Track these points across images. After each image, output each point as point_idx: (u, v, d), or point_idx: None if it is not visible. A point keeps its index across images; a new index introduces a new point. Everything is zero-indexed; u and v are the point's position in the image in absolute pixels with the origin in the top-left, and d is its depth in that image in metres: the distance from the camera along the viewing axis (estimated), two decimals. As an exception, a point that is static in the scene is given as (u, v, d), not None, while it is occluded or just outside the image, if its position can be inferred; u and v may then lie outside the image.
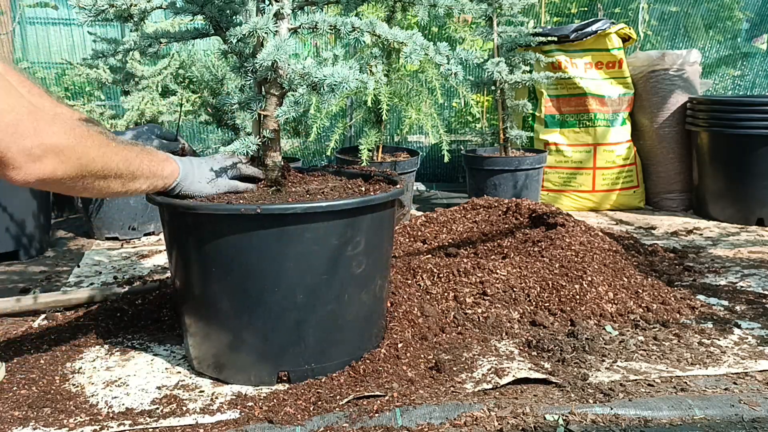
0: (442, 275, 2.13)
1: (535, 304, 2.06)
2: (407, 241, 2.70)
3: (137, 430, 1.43)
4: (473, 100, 4.31)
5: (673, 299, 2.13)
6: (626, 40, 3.84)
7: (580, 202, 3.79)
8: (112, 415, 1.49)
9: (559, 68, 3.71)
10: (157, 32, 1.67)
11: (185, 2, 1.60)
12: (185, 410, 1.51)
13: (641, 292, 2.14)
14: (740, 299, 2.21)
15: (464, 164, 3.63)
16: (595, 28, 3.67)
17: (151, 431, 1.43)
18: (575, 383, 1.61)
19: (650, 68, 3.74)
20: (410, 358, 1.72)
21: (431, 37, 4.42)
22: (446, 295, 2.05)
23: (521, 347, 1.84)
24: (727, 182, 3.43)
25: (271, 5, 1.54)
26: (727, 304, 2.17)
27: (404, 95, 3.10)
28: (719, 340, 1.87)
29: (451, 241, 2.66)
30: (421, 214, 2.93)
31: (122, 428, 1.43)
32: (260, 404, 1.51)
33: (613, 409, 1.46)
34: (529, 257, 2.28)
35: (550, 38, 3.61)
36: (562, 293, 2.08)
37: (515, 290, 2.08)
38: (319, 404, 1.49)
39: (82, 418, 1.48)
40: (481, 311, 2.00)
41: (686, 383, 1.62)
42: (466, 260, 2.23)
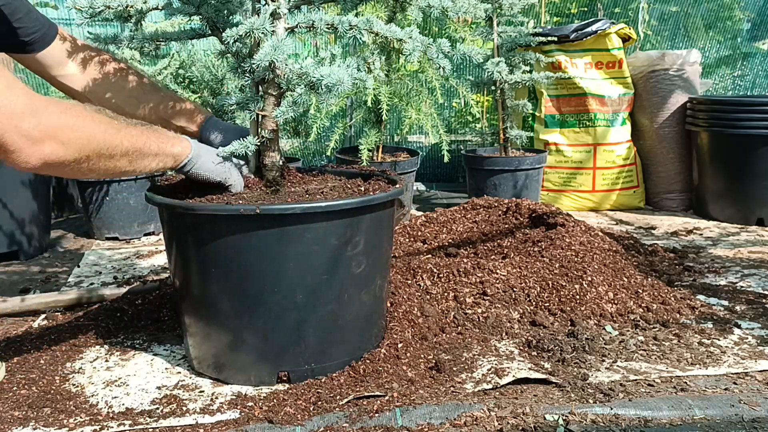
0: (442, 275, 2.13)
1: (535, 304, 2.06)
2: (407, 241, 2.70)
3: (137, 430, 1.43)
4: (473, 100, 4.31)
5: (673, 299, 2.13)
6: (626, 40, 3.84)
7: (580, 202, 3.79)
8: (112, 415, 1.49)
9: (559, 68, 3.71)
10: (154, 33, 1.66)
11: (181, 3, 1.60)
12: (185, 410, 1.51)
13: (641, 292, 2.14)
14: (740, 299, 2.21)
15: (464, 164, 3.63)
16: (595, 28, 3.67)
17: (151, 431, 1.43)
18: (575, 383, 1.61)
19: (650, 68, 3.74)
20: (410, 358, 1.72)
21: (432, 36, 4.41)
22: (446, 295, 2.05)
23: (521, 347, 1.84)
24: (727, 182, 3.43)
25: (267, 5, 1.54)
26: (727, 304, 2.17)
27: (404, 95, 3.10)
28: (719, 340, 1.87)
29: (451, 241, 2.66)
30: (421, 214, 2.93)
31: (122, 428, 1.43)
32: (260, 404, 1.51)
33: (613, 409, 1.46)
34: (529, 257, 2.28)
35: (550, 38, 3.61)
36: (562, 293, 2.08)
37: (515, 290, 2.08)
38: (319, 404, 1.49)
39: (82, 418, 1.48)
40: (481, 311, 2.00)
41: (686, 383, 1.61)
42: (466, 260, 2.23)
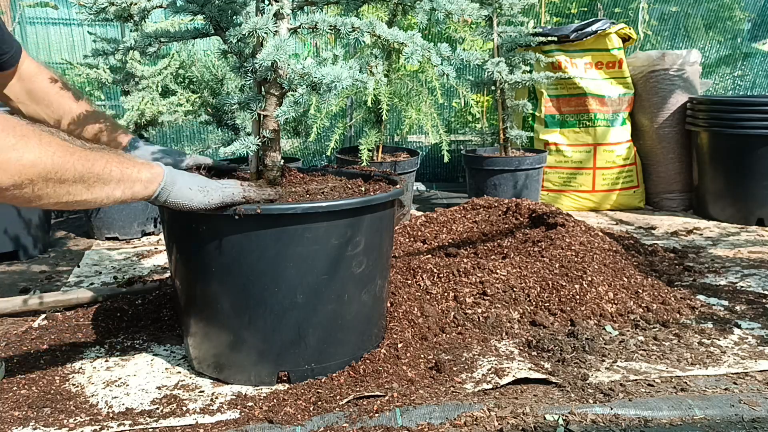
0: (442, 275, 2.13)
1: (535, 304, 2.06)
2: (407, 241, 2.70)
3: (137, 430, 1.43)
4: (473, 100, 4.31)
5: (673, 299, 2.13)
6: (626, 40, 3.84)
7: (580, 202, 3.79)
8: (112, 415, 1.49)
9: (559, 68, 3.71)
10: (156, 32, 1.67)
11: (185, 2, 1.60)
12: (185, 410, 1.51)
13: (641, 292, 2.14)
14: (740, 299, 2.21)
15: (464, 164, 3.63)
16: (595, 28, 3.68)
17: (151, 431, 1.43)
18: (575, 383, 1.61)
19: (650, 68, 3.74)
20: (410, 358, 1.72)
21: (431, 37, 4.41)
22: (446, 295, 2.05)
23: (521, 347, 1.84)
24: (727, 182, 3.43)
25: (270, 5, 1.54)
26: (727, 304, 2.17)
27: (404, 95, 3.10)
28: (719, 340, 1.87)
29: (451, 241, 2.66)
30: (421, 214, 2.93)
31: (122, 428, 1.43)
32: (260, 404, 1.51)
33: (613, 409, 1.46)
34: (529, 257, 2.28)
35: (550, 38, 3.61)
36: (562, 293, 2.08)
37: (515, 290, 2.08)
38: (319, 404, 1.49)
39: (82, 418, 1.48)
40: (481, 311, 2.00)
41: (686, 383, 1.62)
42: (466, 260, 2.23)
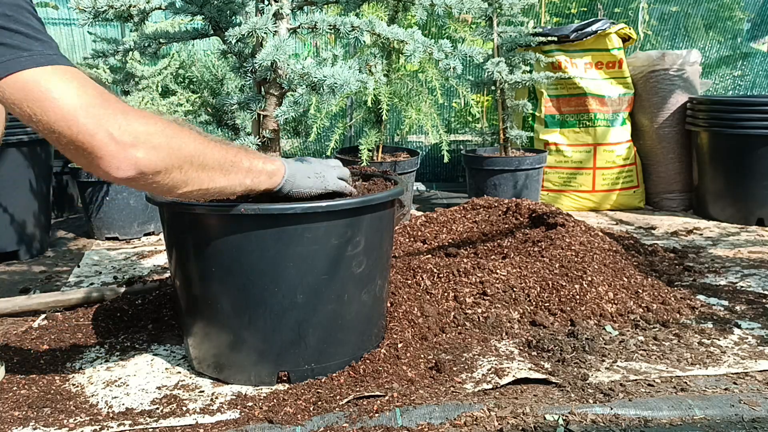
0: (442, 275, 2.13)
1: (535, 304, 2.06)
2: (407, 241, 2.70)
3: (137, 430, 1.43)
4: (473, 100, 4.31)
5: (673, 299, 2.13)
6: (626, 40, 3.84)
7: (580, 202, 3.79)
8: (112, 415, 1.49)
9: (559, 68, 3.71)
10: (156, 32, 1.67)
11: (184, 2, 1.60)
12: (185, 410, 1.51)
13: (641, 292, 2.14)
14: (740, 299, 2.21)
15: (464, 164, 3.63)
16: (595, 28, 3.68)
17: (151, 431, 1.43)
18: (575, 383, 1.61)
19: (650, 68, 3.74)
20: (410, 358, 1.72)
21: (431, 37, 4.42)
22: (446, 295, 2.05)
23: (521, 347, 1.84)
24: (727, 182, 3.43)
25: (270, 5, 1.54)
26: (727, 304, 2.17)
27: (404, 95, 3.10)
28: (719, 340, 1.87)
29: (451, 241, 2.66)
30: (421, 214, 2.93)
31: (122, 428, 1.43)
32: (260, 404, 1.51)
33: (613, 409, 1.46)
34: (529, 257, 2.28)
35: (550, 38, 3.61)
36: (562, 293, 2.08)
37: (515, 290, 2.08)
38: (319, 404, 1.49)
39: (82, 418, 1.48)
40: (481, 311, 2.00)
41: (686, 383, 1.62)
42: (466, 260, 2.23)
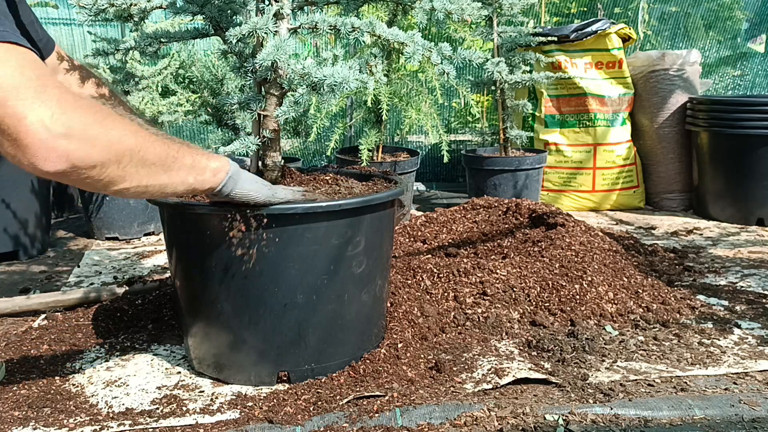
0: (442, 275, 2.13)
1: (535, 304, 2.06)
2: (407, 241, 2.70)
3: (137, 430, 1.43)
4: (473, 100, 4.31)
5: (673, 299, 2.13)
6: (626, 40, 3.84)
7: (580, 202, 3.79)
8: (112, 415, 1.49)
9: (559, 68, 3.71)
10: (156, 32, 1.67)
11: (185, 2, 1.60)
12: (185, 410, 1.51)
13: (641, 292, 2.14)
14: (740, 299, 2.21)
15: (464, 164, 3.63)
16: (595, 28, 3.68)
17: (151, 431, 1.43)
18: (575, 383, 1.61)
19: (650, 68, 3.74)
20: (410, 358, 1.72)
21: (431, 37, 4.41)
22: (446, 295, 2.05)
23: (521, 347, 1.84)
24: (727, 182, 3.43)
25: (270, 5, 1.54)
26: (727, 304, 2.17)
27: (404, 95, 3.10)
28: (719, 340, 1.87)
29: (451, 241, 2.66)
30: (421, 214, 2.93)
31: (122, 428, 1.43)
32: (260, 404, 1.51)
33: (613, 409, 1.46)
34: (529, 257, 2.28)
35: (550, 38, 3.61)
36: (562, 293, 2.08)
37: (515, 290, 2.08)
38: (319, 404, 1.49)
39: (82, 418, 1.48)
40: (481, 311, 2.00)
41: (686, 383, 1.62)
42: (466, 260, 2.23)
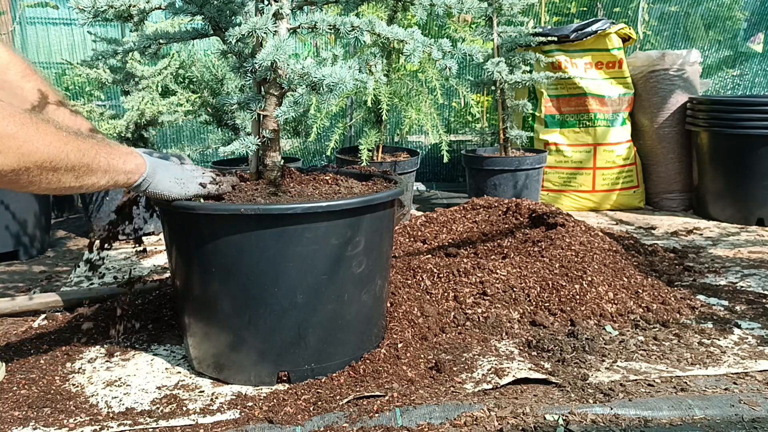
0: (442, 275, 2.13)
1: (535, 304, 2.06)
2: (407, 241, 2.70)
3: (137, 430, 1.43)
4: (473, 100, 4.31)
5: (673, 299, 2.13)
6: (626, 40, 3.84)
7: (580, 202, 3.79)
8: (112, 415, 1.49)
9: (559, 68, 3.71)
10: (156, 33, 1.67)
11: (184, 2, 1.60)
12: (185, 410, 1.51)
13: (641, 292, 2.14)
14: (740, 299, 2.21)
15: (464, 164, 3.63)
16: (595, 28, 3.68)
17: (151, 431, 1.43)
18: (575, 383, 1.61)
19: (650, 68, 3.74)
20: (410, 358, 1.72)
21: (431, 37, 4.41)
22: (446, 295, 2.05)
23: (521, 347, 1.84)
24: (727, 182, 3.43)
25: (270, 5, 1.54)
26: (727, 304, 2.17)
27: (404, 95, 3.10)
28: (719, 340, 1.87)
29: (451, 241, 2.66)
30: (421, 214, 2.93)
31: (122, 428, 1.43)
32: (260, 404, 1.51)
33: (613, 409, 1.46)
34: (529, 257, 2.28)
35: (550, 38, 3.62)
36: (562, 293, 2.08)
37: (515, 290, 2.08)
38: (319, 404, 1.49)
39: (82, 418, 1.48)
40: (481, 311, 2.00)
41: (686, 383, 1.62)
42: (466, 260, 2.23)
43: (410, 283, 2.08)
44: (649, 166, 3.84)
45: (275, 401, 1.51)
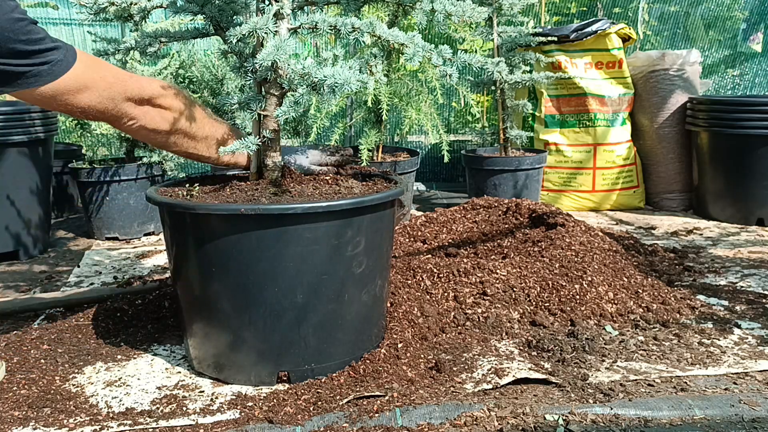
0: (442, 275, 2.13)
1: (535, 304, 2.06)
2: (407, 241, 2.70)
3: (137, 430, 1.43)
4: (473, 100, 4.31)
5: (673, 299, 2.13)
6: (626, 40, 3.84)
7: (580, 202, 3.79)
8: (112, 415, 1.49)
9: (559, 68, 3.71)
10: (156, 32, 1.67)
11: (185, 2, 1.60)
12: (185, 410, 1.51)
13: (641, 292, 2.14)
14: (740, 299, 2.21)
15: (464, 164, 3.63)
16: (595, 28, 3.68)
17: (151, 431, 1.43)
18: (575, 383, 1.61)
19: (650, 68, 3.74)
20: (410, 358, 1.72)
21: (431, 37, 4.41)
22: (446, 295, 2.05)
23: (521, 347, 1.84)
24: (727, 182, 3.43)
25: (271, 5, 1.54)
26: (727, 304, 2.17)
27: (404, 95, 3.10)
28: (719, 340, 1.87)
29: (451, 241, 2.66)
30: (421, 214, 2.93)
31: (122, 428, 1.43)
32: (260, 404, 1.51)
33: (613, 409, 1.46)
34: (529, 257, 2.28)
35: (550, 38, 3.62)
36: (562, 293, 2.08)
37: (515, 290, 2.08)
38: (319, 404, 1.49)
39: (82, 418, 1.48)
40: (481, 311, 2.00)
41: (686, 383, 1.62)
42: (466, 260, 2.23)
43: (410, 283, 2.08)
44: (649, 166, 3.84)
45: (275, 401, 1.51)
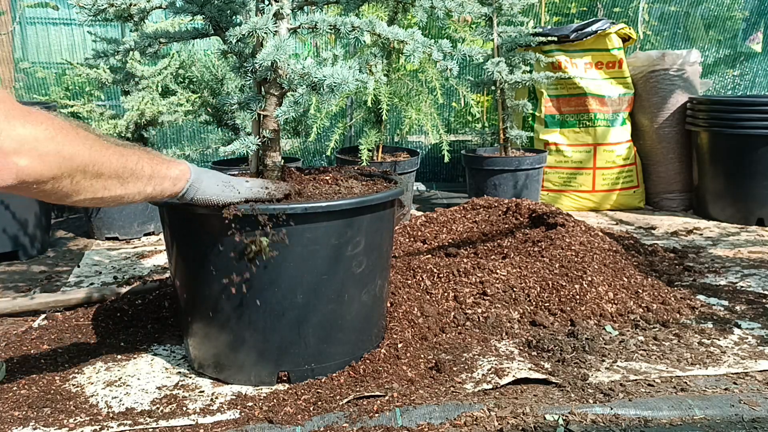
0: (442, 275, 2.13)
1: (535, 304, 2.06)
2: (407, 241, 2.70)
3: (137, 430, 1.43)
4: (473, 100, 4.31)
5: (673, 299, 2.13)
6: (626, 40, 3.84)
7: (580, 202, 3.79)
8: (112, 415, 1.49)
9: (559, 68, 3.71)
10: (156, 32, 1.67)
11: (185, 2, 1.60)
12: (185, 410, 1.51)
13: (641, 292, 2.14)
14: (740, 299, 2.21)
15: (464, 164, 3.63)
16: (595, 28, 3.68)
17: (151, 431, 1.43)
18: (575, 383, 1.61)
19: (650, 68, 3.74)
20: (410, 358, 1.72)
21: (431, 37, 4.41)
22: (446, 295, 2.05)
23: (521, 347, 1.84)
24: (727, 182, 3.43)
25: (270, 5, 1.54)
26: (727, 304, 2.17)
27: (404, 95, 3.10)
28: (719, 340, 1.87)
29: (451, 241, 2.66)
30: (421, 214, 2.93)
31: (122, 428, 1.43)
32: (260, 404, 1.51)
33: (613, 409, 1.46)
34: (529, 257, 2.28)
35: (550, 38, 3.61)
36: (562, 293, 2.08)
37: (515, 290, 2.08)
38: (319, 404, 1.49)
39: (82, 418, 1.48)
40: (481, 311, 2.00)
41: (686, 383, 1.62)
42: (466, 260, 2.23)
43: (410, 283, 2.08)
44: (649, 166, 3.84)
45: (275, 401, 1.51)
